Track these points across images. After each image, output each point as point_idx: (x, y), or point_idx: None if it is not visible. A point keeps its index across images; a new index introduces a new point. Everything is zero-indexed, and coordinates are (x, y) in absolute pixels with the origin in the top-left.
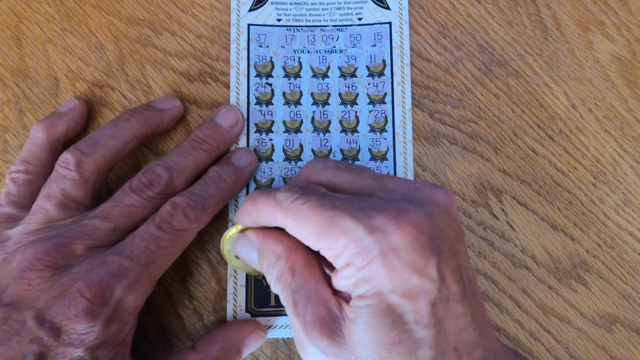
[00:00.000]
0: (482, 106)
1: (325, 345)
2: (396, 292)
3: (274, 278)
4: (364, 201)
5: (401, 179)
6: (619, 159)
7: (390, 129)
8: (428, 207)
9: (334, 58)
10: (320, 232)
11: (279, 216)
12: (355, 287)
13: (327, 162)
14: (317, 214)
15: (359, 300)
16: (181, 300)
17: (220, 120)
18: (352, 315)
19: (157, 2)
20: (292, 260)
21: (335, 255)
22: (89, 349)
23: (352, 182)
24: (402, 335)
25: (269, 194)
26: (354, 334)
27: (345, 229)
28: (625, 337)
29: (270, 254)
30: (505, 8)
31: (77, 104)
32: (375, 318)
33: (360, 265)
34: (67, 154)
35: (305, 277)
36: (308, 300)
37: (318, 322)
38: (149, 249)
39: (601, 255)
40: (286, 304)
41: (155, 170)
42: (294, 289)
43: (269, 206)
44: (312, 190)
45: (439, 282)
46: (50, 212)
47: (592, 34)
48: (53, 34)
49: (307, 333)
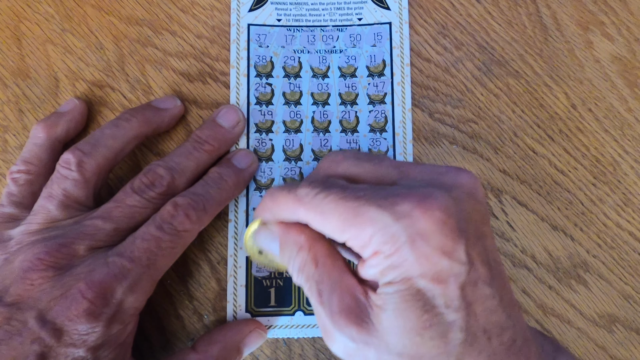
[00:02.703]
0: (482, 106)
1: (355, 332)
2: (425, 277)
3: (296, 268)
4: (387, 190)
5: (423, 165)
6: (619, 159)
7: (390, 129)
8: (453, 190)
9: (334, 58)
10: (346, 224)
11: (301, 212)
12: (382, 274)
13: (346, 153)
14: (340, 206)
15: (387, 287)
16: (181, 300)
17: (222, 120)
18: (380, 302)
19: (157, 2)
20: (315, 250)
21: (362, 245)
22: (91, 350)
23: (372, 172)
24: (432, 319)
25: (289, 190)
26: (383, 320)
27: (370, 218)
28: (625, 337)
29: (292, 244)
30: (505, 8)
31: (77, 104)
32: (404, 303)
33: (388, 253)
34: (68, 154)
35: (328, 267)
36: (333, 290)
37: (345, 310)
38: (149, 250)
39: (601, 255)
40: (310, 294)
41: (156, 171)
42: (317, 279)
43: (290, 203)
44: (333, 183)
45: (467, 264)
46: (51, 212)
47: (592, 34)
48: (53, 34)
49: (334, 322)
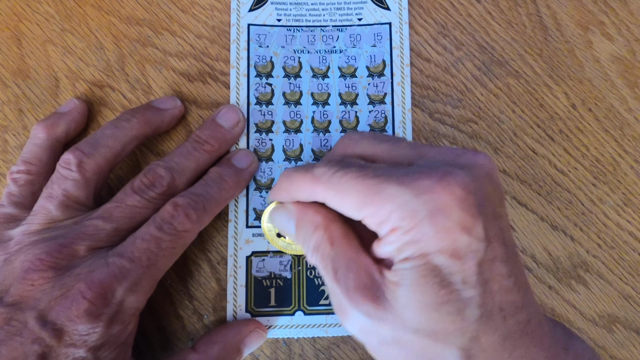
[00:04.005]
0: (482, 106)
1: (371, 309)
2: (444, 252)
3: (311, 247)
4: (406, 169)
5: (440, 147)
6: (619, 159)
7: (390, 129)
8: (472, 170)
9: (334, 58)
10: (364, 202)
11: (319, 191)
12: (399, 251)
13: (364, 133)
14: (359, 184)
15: (403, 263)
16: (181, 300)
17: (222, 120)
18: (396, 278)
19: (157, 2)
20: (331, 230)
21: (380, 222)
22: (91, 350)
23: (389, 152)
24: (450, 294)
25: (305, 170)
26: (400, 296)
27: (390, 195)
28: (625, 337)
29: (309, 224)
30: (505, 8)
31: (78, 104)
32: (422, 279)
33: (407, 228)
34: (68, 154)
35: (344, 246)
36: (348, 268)
37: (361, 287)
38: (149, 251)
39: (601, 255)
40: (325, 273)
41: (156, 171)
42: (333, 257)
43: (307, 182)
44: (350, 162)
45: (485, 242)
46: (52, 213)
47: (592, 34)
48: (53, 34)
49: (350, 298)
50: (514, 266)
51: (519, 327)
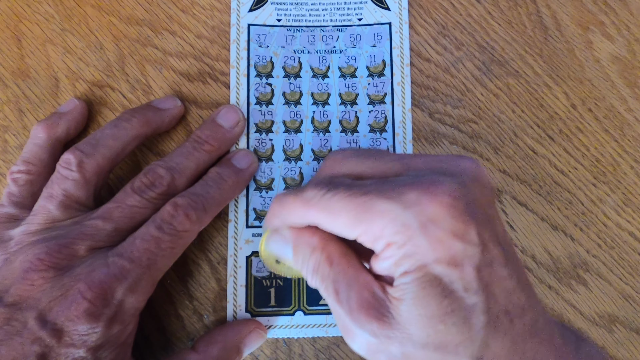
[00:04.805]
0: (482, 106)
1: (376, 327)
2: (441, 262)
3: (310, 270)
4: (393, 182)
5: (425, 155)
6: (619, 159)
7: (390, 129)
8: (458, 176)
9: (334, 58)
10: (355, 220)
11: (311, 213)
12: (397, 265)
13: (346, 152)
14: (349, 203)
15: (403, 277)
16: (181, 300)
17: (222, 120)
18: (398, 294)
19: (157, 2)
20: (328, 250)
21: (374, 239)
22: (91, 350)
23: (375, 167)
24: (453, 304)
25: (295, 194)
26: (403, 311)
27: (380, 210)
28: (625, 337)
29: (305, 246)
30: (505, 8)
31: (78, 104)
32: (423, 291)
33: (401, 242)
34: (68, 154)
35: (343, 265)
36: (350, 287)
37: (364, 306)
38: (149, 251)
39: (601, 255)
40: (327, 294)
41: (156, 171)
42: (333, 278)
43: (299, 206)
44: (338, 182)
45: (480, 245)
46: (52, 213)
47: (592, 34)
48: (53, 34)
49: (354, 319)
50: (514, 267)
51: (527, 328)
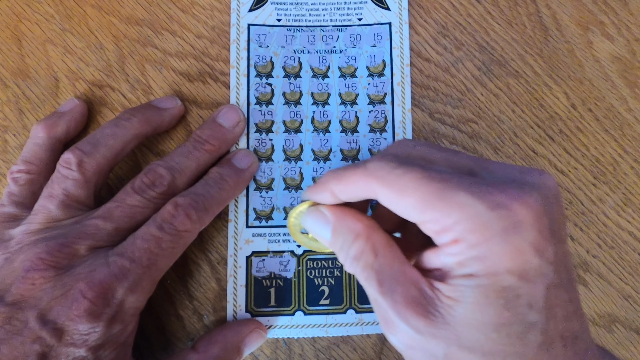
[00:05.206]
0: (482, 106)
1: (422, 325)
2: (514, 273)
3: (350, 257)
4: (475, 178)
5: (500, 163)
6: (619, 159)
7: (390, 129)
8: (542, 190)
9: (334, 58)
10: (427, 205)
11: (373, 186)
12: (461, 265)
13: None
14: (423, 185)
15: (466, 280)
16: (181, 300)
17: (222, 120)
18: (455, 294)
19: (157, 2)
20: (373, 239)
21: (441, 229)
22: (92, 349)
23: (448, 159)
24: (513, 317)
25: (356, 165)
26: (458, 313)
27: (459, 203)
28: (625, 337)
29: (348, 232)
30: (505, 8)
31: (78, 104)
32: (486, 298)
33: (474, 242)
34: (68, 154)
35: (389, 257)
36: (395, 281)
37: (411, 302)
38: (150, 251)
39: (601, 255)
40: (368, 284)
41: (157, 171)
42: (377, 268)
43: (360, 176)
44: (410, 161)
45: (554, 265)
46: (52, 212)
47: (592, 34)
48: (53, 34)
49: (399, 313)
50: (574, 293)
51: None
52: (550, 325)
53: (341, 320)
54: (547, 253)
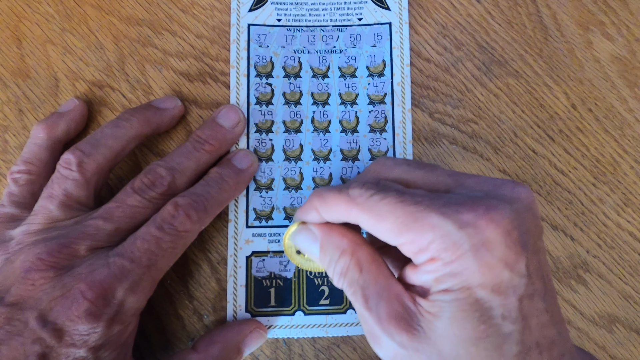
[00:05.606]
0: (482, 106)
1: (406, 339)
2: (486, 287)
3: (337, 273)
4: (446, 197)
5: (477, 176)
6: (619, 159)
7: (390, 129)
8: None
9: (334, 58)
10: (402, 228)
11: (354, 212)
12: (438, 281)
13: (397, 160)
14: (398, 209)
15: (443, 295)
16: (181, 300)
17: (222, 120)
18: (434, 309)
19: (157, 2)
20: (358, 255)
21: (418, 250)
22: (92, 350)
23: (425, 178)
24: (489, 329)
25: (339, 190)
26: (437, 328)
27: (431, 224)
28: (625, 337)
29: (334, 247)
30: (505, 8)
31: (78, 104)
32: (462, 312)
33: (447, 260)
34: (68, 154)
35: (373, 273)
36: (380, 296)
37: (394, 317)
38: (150, 251)
39: (601, 255)
40: (354, 299)
41: (157, 171)
42: (362, 284)
43: (342, 203)
44: (388, 186)
45: (527, 277)
46: (52, 213)
47: (592, 34)
48: (53, 34)
49: (383, 328)
50: (551, 301)
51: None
52: (525, 334)
53: (341, 320)
54: (517, 266)
